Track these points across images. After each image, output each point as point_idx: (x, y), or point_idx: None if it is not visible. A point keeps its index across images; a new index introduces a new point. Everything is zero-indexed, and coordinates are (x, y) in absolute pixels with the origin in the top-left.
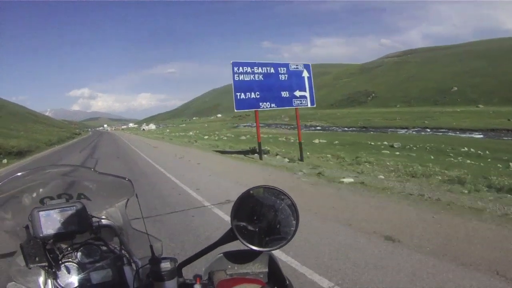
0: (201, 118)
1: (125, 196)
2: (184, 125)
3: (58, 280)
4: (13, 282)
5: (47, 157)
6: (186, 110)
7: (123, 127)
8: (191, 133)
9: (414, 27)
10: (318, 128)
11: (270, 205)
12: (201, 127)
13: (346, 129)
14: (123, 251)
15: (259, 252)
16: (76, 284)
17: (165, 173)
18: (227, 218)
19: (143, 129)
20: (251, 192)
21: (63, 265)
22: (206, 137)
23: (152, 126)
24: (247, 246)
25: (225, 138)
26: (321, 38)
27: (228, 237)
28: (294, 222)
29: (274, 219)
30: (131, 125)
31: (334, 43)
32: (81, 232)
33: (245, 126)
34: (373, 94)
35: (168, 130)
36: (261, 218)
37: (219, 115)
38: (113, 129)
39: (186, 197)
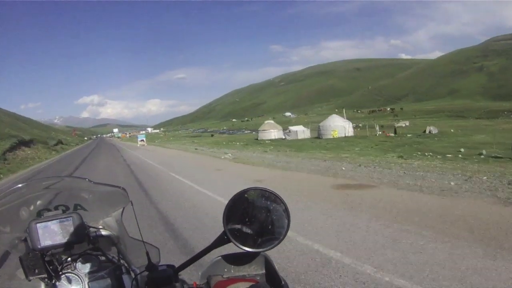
0: (242, 121)
1: (120, 205)
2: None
3: None
4: None
5: None
6: (211, 112)
7: (141, 132)
8: None
9: (424, 27)
10: None
11: (262, 206)
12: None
13: None
14: (121, 260)
15: (255, 254)
16: None
17: None
18: None
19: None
20: (242, 194)
21: (62, 276)
22: None
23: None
24: (241, 248)
25: None
26: (329, 41)
27: (221, 240)
28: (286, 221)
29: (266, 220)
30: (150, 130)
31: (343, 45)
32: (79, 243)
33: None
34: None
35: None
36: (253, 219)
37: (287, 114)
38: (126, 136)
39: None
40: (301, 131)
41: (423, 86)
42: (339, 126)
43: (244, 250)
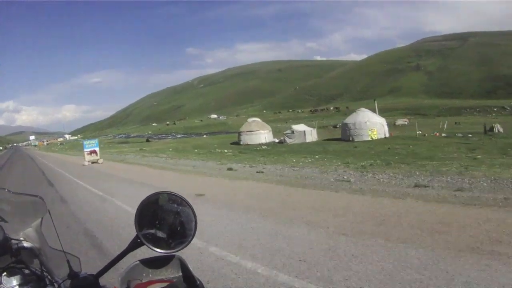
0: (163, 124)
1: (39, 214)
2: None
3: None
4: None
5: None
6: (129, 117)
7: (59, 139)
8: None
9: (339, 30)
10: None
11: (171, 210)
12: None
13: None
14: (44, 272)
15: (170, 257)
16: None
17: None
18: None
19: None
20: (151, 199)
21: None
22: None
23: None
24: (153, 250)
25: None
26: (245, 44)
27: (135, 243)
28: (193, 223)
29: (175, 222)
30: (67, 137)
31: (259, 48)
32: (2, 255)
33: None
34: None
35: None
36: (163, 222)
37: (213, 116)
38: (44, 144)
39: None
40: (309, 132)
41: (358, 85)
42: (377, 123)
43: (157, 252)
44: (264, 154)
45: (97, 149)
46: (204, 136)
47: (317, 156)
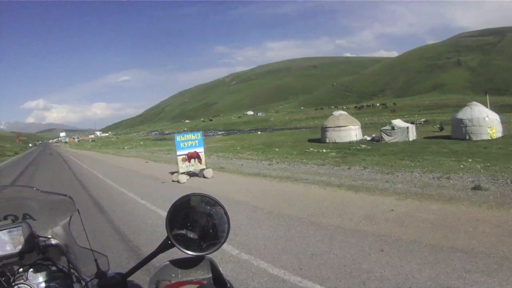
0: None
1: (68, 213)
2: None
3: None
4: None
5: None
6: (160, 114)
7: (90, 136)
8: None
9: (367, 27)
10: None
11: (203, 211)
12: None
13: None
14: (71, 270)
15: (201, 258)
16: None
17: None
18: None
19: None
20: (184, 200)
21: (16, 287)
22: None
23: None
24: (184, 252)
25: None
26: (273, 42)
27: (165, 245)
28: (226, 225)
29: (207, 224)
30: (98, 134)
31: (287, 46)
32: (29, 252)
33: None
34: None
35: None
36: (195, 224)
37: (250, 113)
38: (74, 141)
39: None
40: (410, 128)
41: (398, 82)
42: (494, 120)
43: (188, 254)
44: (387, 156)
45: (201, 150)
46: (259, 132)
47: (470, 160)
